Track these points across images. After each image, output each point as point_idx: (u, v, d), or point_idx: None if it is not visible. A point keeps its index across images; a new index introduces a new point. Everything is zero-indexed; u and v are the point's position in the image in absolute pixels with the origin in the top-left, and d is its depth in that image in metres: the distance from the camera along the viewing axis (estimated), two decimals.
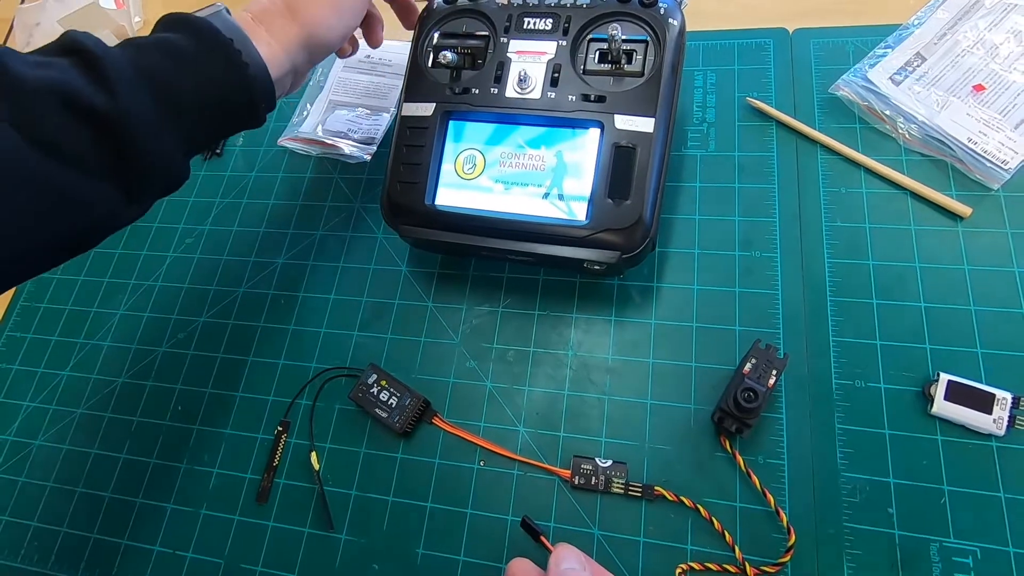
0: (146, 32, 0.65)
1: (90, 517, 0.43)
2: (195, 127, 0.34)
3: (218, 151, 0.55)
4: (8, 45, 0.71)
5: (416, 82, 0.42)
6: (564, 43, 0.40)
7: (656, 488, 0.37)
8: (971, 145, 0.41)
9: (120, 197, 0.32)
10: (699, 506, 0.36)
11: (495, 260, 0.45)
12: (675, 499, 0.36)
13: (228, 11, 0.35)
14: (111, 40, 0.52)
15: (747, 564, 0.34)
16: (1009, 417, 0.35)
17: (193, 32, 0.33)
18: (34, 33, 0.69)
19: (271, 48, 0.35)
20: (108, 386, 0.47)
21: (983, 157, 0.41)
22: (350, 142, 0.52)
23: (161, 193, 0.34)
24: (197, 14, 0.34)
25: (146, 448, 0.45)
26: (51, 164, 0.29)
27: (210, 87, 0.33)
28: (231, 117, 0.35)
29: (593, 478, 0.38)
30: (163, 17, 0.35)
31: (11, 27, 0.71)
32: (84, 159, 0.30)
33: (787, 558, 0.34)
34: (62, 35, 0.32)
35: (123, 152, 0.31)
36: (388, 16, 0.45)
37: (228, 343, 0.47)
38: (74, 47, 0.31)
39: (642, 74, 0.38)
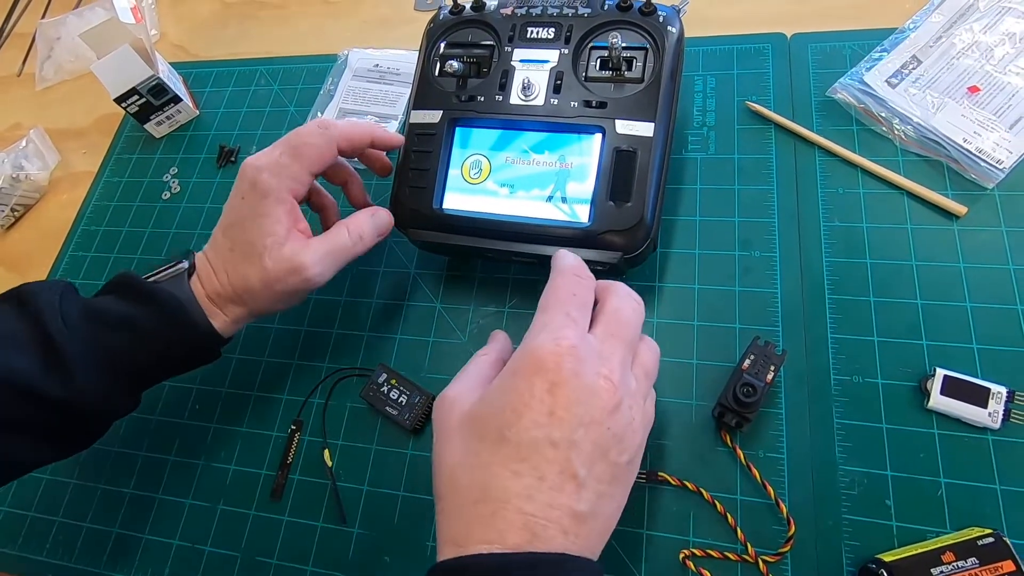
0: (163, 47, 0.67)
1: (112, 512, 0.45)
2: (149, 382, 0.38)
3: (233, 159, 0.57)
4: (29, 59, 0.73)
5: (424, 90, 0.43)
6: (566, 51, 0.41)
7: (660, 473, 0.38)
8: (966, 145, 0.42)
9: (58, 451, 0.36)
10: (702, 490, 0.37)
11: (501, 262, 0.46)
12: (679, 483, 0.37)
13: (188, 275, 0.38)
14: (131, 57, 0.54)
15: (749, 544, 0.35)
16: (1004, 411, 0.35)
17: (159, 310, 0.36)
18: (54, 47, 0.71)
19: (224, 322, 0.38)
20: None
21: (978, 157, 0.42)
22: None
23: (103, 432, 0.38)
24: (161, 283, 0.37)
25: (165, 446, 0.46)
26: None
27: (169, 355, 0.37)
28: (185, 367, 0.39)
29: None
30: (127, 281, 0.37)
31: (32, 41, 0.73)
32: (32, 431, 0.34)
33: (787, 548, 0.35)
34: (20, 293, 0.35)
35: (75, 421, 0.35)
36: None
37: (243, 344, 0.48)
38: (38, 325, 0.34)
39: (642, 80, 0.39)
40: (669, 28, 0.40)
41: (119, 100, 0.57)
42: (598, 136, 0.39)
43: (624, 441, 0.28)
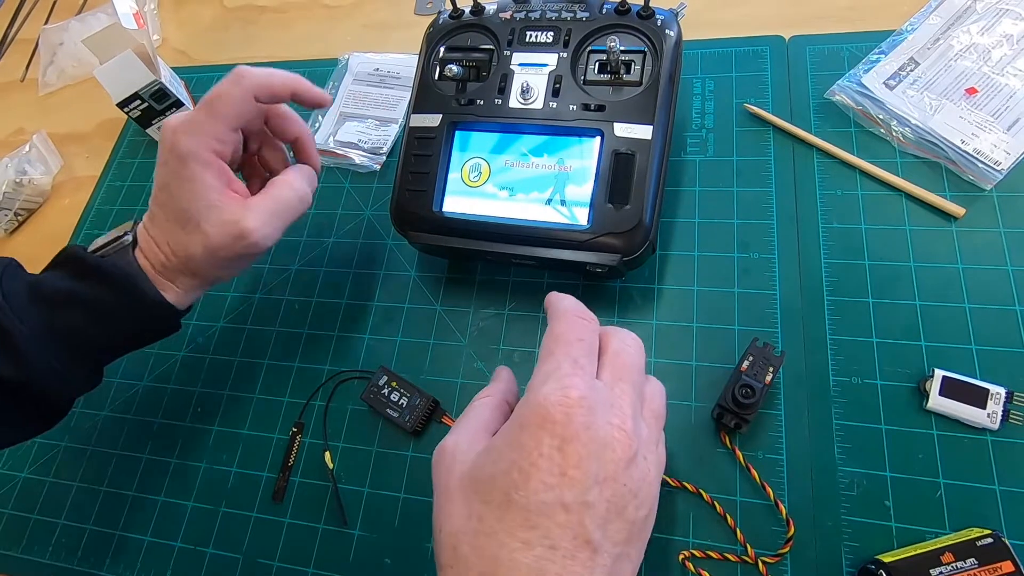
0: (165, 52, 0.67)
1: (114, 515, 0.45)
2: (108, 358, 0.37)
3: None
4: (32, 64, 0.74)
5: (424, 94, 0.44)
6: (565, 55, 0.41)
7: None
8: (964, 147, 0.42)
9: (17, 434, 0.36)
10: (701, 491, 0.37)
11: (501, 264, 0.47)
12: (678, 484, 0.38)
13: (132, 247, 0.36)
14: (133, 62, 0.54)
15: (749, 545, 0.35)
16: (1003, 411, 0.35)
17: (109, 286, 0.35)
18: (57, 52, 0.72)
19: (177, 294, 0.37)
20: (131, 389, 0.49)
21: (976, 158, 0.42)
22: (360, 152, 0.54)
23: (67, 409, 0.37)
24: (106, 258, 0.35)
25: (167, 448, 0.47)
26: None
27: (123, 330, 0.36)
28: (144, 341, 0.38)
29: None
30: (73, 255, 0.36)
31: (35, 47, 0.74)
32: None
33: (786, 549, 0.35)
34: None
35: (32, 403, 0.34)
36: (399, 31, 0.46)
37: (245, 347, 0.49)
38: None
39: (640, 83, 0.40)
40: (667, 31, 0.40)
41: (121, 105, 0.57)
42: (597, 139, 0.40)
43: (640, 495, 0.26)
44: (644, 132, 0.38)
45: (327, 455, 0.43)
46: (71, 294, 0.34)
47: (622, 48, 0.40)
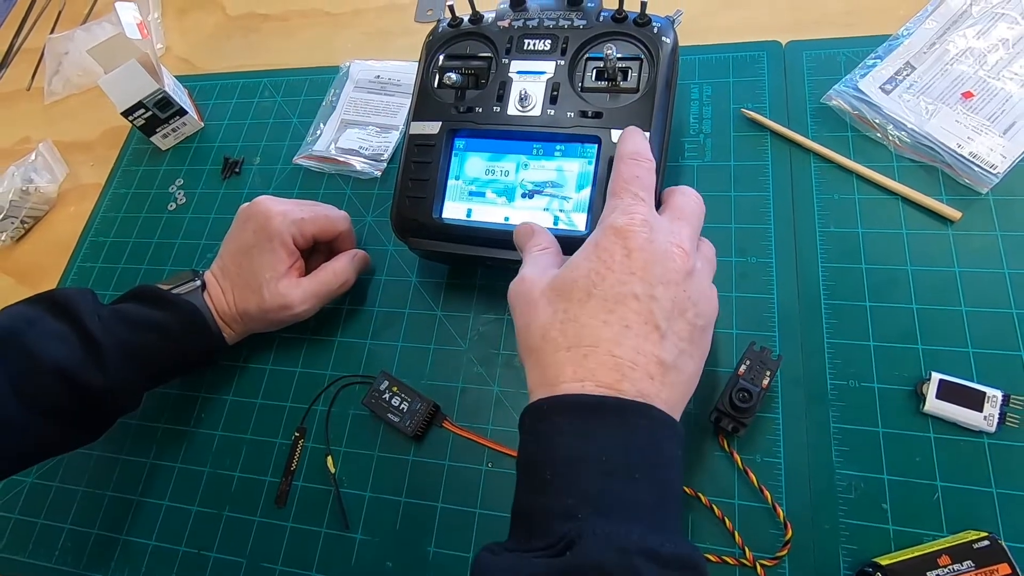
0: (169, 61, 0.68)
1: (119, 519, 0.46)
2: (166, 379, 0.44)
3: (237, 171, 0.58)
4: (38, 73, 0.75)
5: (423, 102, 0.44)
6: (562, 62, 0.41)
7: None
8: (960, 150, 0.43)
9: (78, 440, 0.40)
10: (699, 494, 0.37)
11: (500, 270, 0.47)
12: None
13: (201, 289, 0.44)
14: (138, 71, 0.55)
15: (747, 548, 0.35)
16: (999, 414, 0.36)
17: (182, 317, 0.42)
18: (63, 62, 0.72)
19: (229, 335, 0.45)
20: None
21: (972, 162, 0.42)
22: (361, 159, 0.55)
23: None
24: (183, 295, 0.43)
25: (171, 453, 0.47)
26: (38, 420, 0.37)
27: (185, 357, 0.43)
28: (194, 366, 0.45)
29: None
30: (150, 291, 0.43)
31: (41, 56, 0.75)
32: (66, 416, 0.38)
33: (784, 552, 0.35)
34: (53, 296, 0.40)
35: (101, 411, 0.40)
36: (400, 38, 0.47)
37: (248, 353, 0.49)
38: (78, 323, 0.39)
39: (637, 90, 0.40)
40: (663, 39, 0.40)
41: (126, 114, 0.58)
42: (594, 146, 0.40)
43: (699, 306, 0.30)
44: None
45: (329, 459, 0.44)
46: (150, 320, 0.41)
47: (619, 55, 0.40)
